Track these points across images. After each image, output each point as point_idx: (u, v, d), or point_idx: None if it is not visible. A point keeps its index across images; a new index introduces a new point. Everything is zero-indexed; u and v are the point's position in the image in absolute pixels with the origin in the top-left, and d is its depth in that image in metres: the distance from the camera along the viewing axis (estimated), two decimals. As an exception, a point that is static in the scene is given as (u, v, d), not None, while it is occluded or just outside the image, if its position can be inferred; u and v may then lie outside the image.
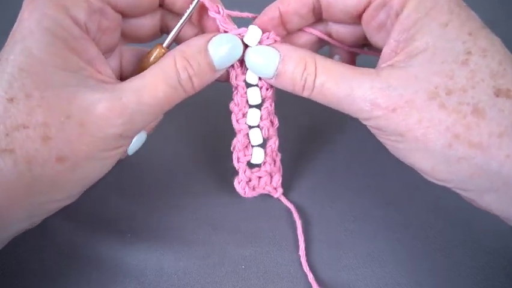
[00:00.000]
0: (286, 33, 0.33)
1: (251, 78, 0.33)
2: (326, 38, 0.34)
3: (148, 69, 0.28)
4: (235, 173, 0.36)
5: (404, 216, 0.37)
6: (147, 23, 0.33)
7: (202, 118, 0.36)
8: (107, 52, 0.31)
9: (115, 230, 0.36)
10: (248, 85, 0.34)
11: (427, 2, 0.27)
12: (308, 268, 0.34)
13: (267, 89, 0.34)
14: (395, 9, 0.27)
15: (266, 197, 0.39)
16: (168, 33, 0.33)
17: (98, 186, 0.39)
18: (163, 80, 0.28)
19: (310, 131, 0.44)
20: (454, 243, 0.36)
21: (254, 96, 0.34)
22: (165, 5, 0.32)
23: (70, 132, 0.25)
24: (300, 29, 0.34)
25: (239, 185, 0.36)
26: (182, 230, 0.37)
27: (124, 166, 0.41)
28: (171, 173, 0.41)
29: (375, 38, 0.31)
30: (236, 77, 0.33)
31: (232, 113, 0.35)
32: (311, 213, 0.38)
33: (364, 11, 0.30)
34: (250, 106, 0.34)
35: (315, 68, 0.29)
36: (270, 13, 0.31)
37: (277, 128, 0.36)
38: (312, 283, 0.33)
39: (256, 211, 0.38)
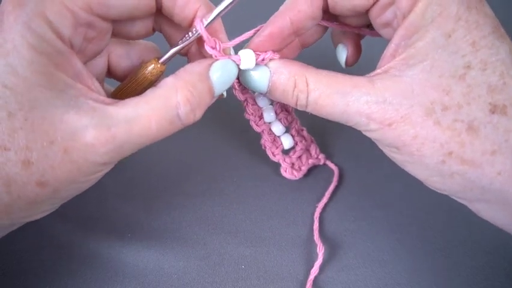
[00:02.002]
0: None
1: None
2: (331, 25, 0.33)
3: (143, 96, 0.26)
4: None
5: (404, 216, 0.37)
6: (139, 25, 0.31)
7: (203, 118, 0.36)
8: (93, 55, 0.30)
9: (115, 230, 0.36)
10: (254, 91, 0.35)
11: (435, 6, 0.25)
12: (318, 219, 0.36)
13: None
14: (402, 11, 0.26)
15: (265, 196, 0.39)
16: (161, 31, 0.32)
17: (97, 187, 0.39)
18: (159, 112, 0.26)
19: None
20: (454, 243, 0.36)
21: (263, 100, 0.36)
22: (163, 11, 0.30)
23: (53, 159, 0.24)
24: None
25: (286, 172, 0.39)
26: (182, 230, 0.37)
27: (123, 166, 0.41)
28: (171, 173, 0.41)
29: (381, 32, 0.30)
30: (242, 92, 0.34)
31: (250, 121, 0.36)
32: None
33: (371, 7, 0.28)
34: (263, 107, 0.36)
35: (307, 84, 0.28)
36: (278, 23, 0.29)
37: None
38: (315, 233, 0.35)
39: (256, 211, 0.38)
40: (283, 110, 0.37)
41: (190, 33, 0.29)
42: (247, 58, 0.29)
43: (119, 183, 0.40)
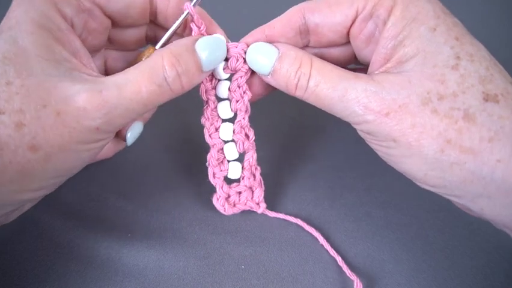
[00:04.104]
0: None
1: (221, 92, 0.34)
2: None
3: (133, 66, 0.28)
4: (213, 189, 0.36)
5: (404, 216, 0.38)
6: (134, 32, 0.33)
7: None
8: (91, 53, 0.31)
9: (115, 230, 0.36)
10: (219, 99, 0.34)
11: (413, 7, 0.27)
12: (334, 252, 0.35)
13: (237, 101, 0.34)
14: (382, 18, 0.28)
15: (265, 197, 0.39)
16: (154, 42, 0.34)
17: (98, 186, 0.39)
18: (148, 77, 0.27)
19: (308, 131, 0.44)
20: (454, 243, 0.36)
21: (225, 110, 0.34)
22: (157, 22, 0.33)
23: (45, 121, 0.25)
24: None
25: (218, 202, 0.36)
26: (183, 230, 0.37)
27: (124, 166, 0.41)
28: (172, 173, 0.41)
29: (364, 52, 0.31)
30: (206, 92, 0.33)
31: (204, 128, 0.34)
32: (311, 214, 0.38)
33: (352, 25, 0.30)
34: (223, 120, 0.35)
35: (310, 68, 0.29)
36: (256, 36, 0.32)
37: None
38: (341, 265, 0.34)
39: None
40: (243, 131, 0.34)
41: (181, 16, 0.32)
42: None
43: (119, 183, 0.40)
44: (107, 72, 0.34)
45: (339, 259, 0.34)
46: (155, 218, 0.37)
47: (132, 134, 0.34)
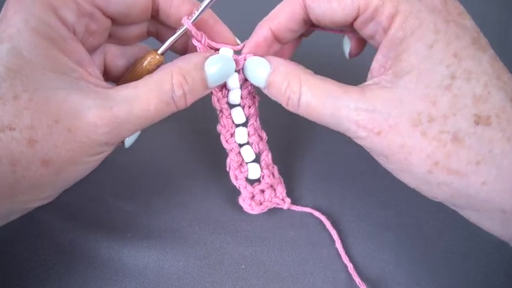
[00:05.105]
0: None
1: (233, 99, 0.34)
2: (330, 31, 0.33)
3: (142, 80, 0.28)
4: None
5: (404, 217, 0.38)
6: (134, 28, 0.33)
7: (203, 118, 0.36)
8: (91, 51, 0.31)
9: (115, 230, 0.36)
10: (231, 106, 0.35)
11: (413, 19, 0.26)
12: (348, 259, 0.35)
13: (250, 107, 0.35)
14: (382, 25, 0.27)
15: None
16: (155, 36, 0.34)
17: (98, 186, 0.39)
18: (157, 94, 0.28)
19: (306, 131, 0.44)
20: (454, 244, 0.36)
21: (238, 115, 0.35)
22: (159, 19, 0.32)
23: (57, 137, 0.25)
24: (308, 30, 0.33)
25: (244, 202, 0.36)
26: (182, 230, 0.37)
27: (124, 166, 0.41)
28: (171, 173, 0.41)
29: (371, 42, 0.31)
30: (218, 101, 0.34)
31: (221, 135, 0.36)
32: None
33: (353, 22, 0.30)
34: (237, 125, 0.36)
35: (300, 85, 0.29)
36: (262, 33, 0.31)
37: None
38: (352, 273, 0.34)
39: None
40: (256, 133, 0.36)
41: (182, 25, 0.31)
42: (225, 54, 0.32)
43: (119, 183, 0.40)
44: (106, 68, 0.34)
45: (350, 266, 0.34)
46: (155, 218, 0.37)
47: (130, 138, 0.34)
